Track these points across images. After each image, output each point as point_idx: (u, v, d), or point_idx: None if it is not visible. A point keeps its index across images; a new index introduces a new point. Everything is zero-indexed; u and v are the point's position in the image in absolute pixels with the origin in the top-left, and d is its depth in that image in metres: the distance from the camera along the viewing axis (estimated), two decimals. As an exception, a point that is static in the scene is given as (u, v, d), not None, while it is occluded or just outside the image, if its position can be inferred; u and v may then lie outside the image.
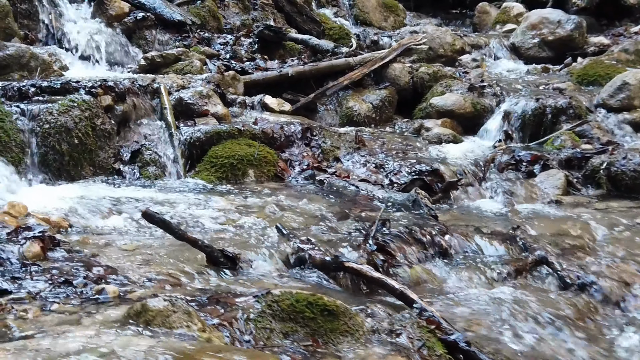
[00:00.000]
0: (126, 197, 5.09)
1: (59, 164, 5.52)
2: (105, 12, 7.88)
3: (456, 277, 3.99)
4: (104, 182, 5.58)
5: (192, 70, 7.02)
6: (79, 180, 5.56)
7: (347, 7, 10.25)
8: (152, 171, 5.71)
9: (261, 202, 5.05)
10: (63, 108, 5.62)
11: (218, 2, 8.79)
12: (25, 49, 6.52)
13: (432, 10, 11.94)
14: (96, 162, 5.68)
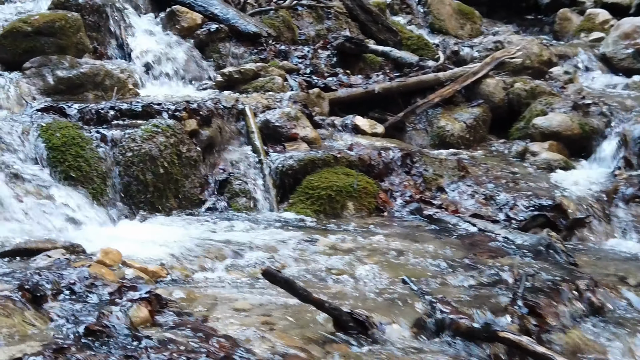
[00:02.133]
0: (222, 237, 4.61)
1: (142, 196, 5.07)
2: (176, 24, 7.42)
3: (620, 345, 3.44)
4: (191, 216, 5.13)
5: (274, 87, 6.53)
6: (164, 213, 5.09)
7: (422, 14, 9.69)
8: (242, 203, 5.23)
9: (370, 243, 4.54)
10: (147, 134, 5.16)
11: (291, 12, 8.28)
12: (100, 66, 6.09)
13: (506, 16, 11.31)
14: (181, 192, 5.22)
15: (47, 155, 4.96)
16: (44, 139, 5.01)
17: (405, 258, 4.28)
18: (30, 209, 4.45)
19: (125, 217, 4.97)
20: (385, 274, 4.00)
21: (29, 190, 4.60)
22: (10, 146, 4.96)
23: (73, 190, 4.84)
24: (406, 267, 4.13)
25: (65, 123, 5.20)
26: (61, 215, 4.55)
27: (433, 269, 4.11)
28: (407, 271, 4.03)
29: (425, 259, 4.26)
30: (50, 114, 5.38)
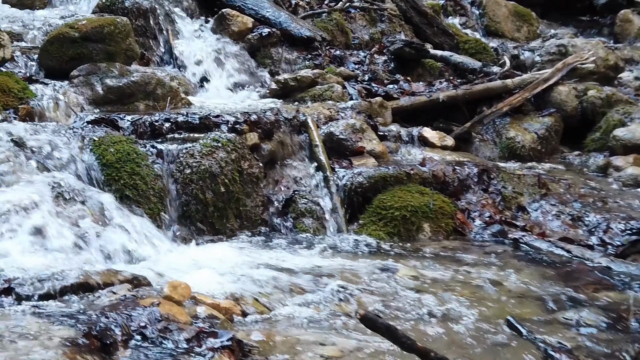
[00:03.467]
0: (291, 263, 4.21)
1: (201, 216, 4.68)
2: (226, 28, 7.04)
3: None
4: (254, 238, 4.72)
5: (333, 96, 6.12)
6: (225, 235, 4.70)
7: (477, 16, 9.23)
8: (308, 224, 4.83)
9: (456, 272, 4.13)
10: (206, 149, 4.78)
11: (344, 15, 7.87)
12: (151, 74, 5.71)
13: (560, 18, 10.82)
14: (243, 212, 4.83)
15: (101, 173, 4.59)
16: (97, 154, 4.65)
17: (499, 291, 3.85)
18: (85, 234, 4.07)
19: (184, 240, 4.58)
20: (483, 312, 3.58)
21: (83, 212, 4.22)
22: (62, 162, 4.58)
23: (129, 211, 4.45)
24: (503, 302, 3.70)
25: (119, 137, 4.83)
26: (118, 239, 4.17)
27: (535, 306, 3.68)
28: (506, 308, 3.61)
29: (522, 293, 3.83)
30: (101, 126, 5.01)
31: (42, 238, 3.92)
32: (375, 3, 8.16)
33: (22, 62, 5.79)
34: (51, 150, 4.63)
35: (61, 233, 4.01)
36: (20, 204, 4.04)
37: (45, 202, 4.15)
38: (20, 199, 4.07)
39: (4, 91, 5.16)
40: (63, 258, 3.85)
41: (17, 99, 5.18)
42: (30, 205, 4.06)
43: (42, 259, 3.71)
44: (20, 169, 4.38)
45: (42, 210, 4.08)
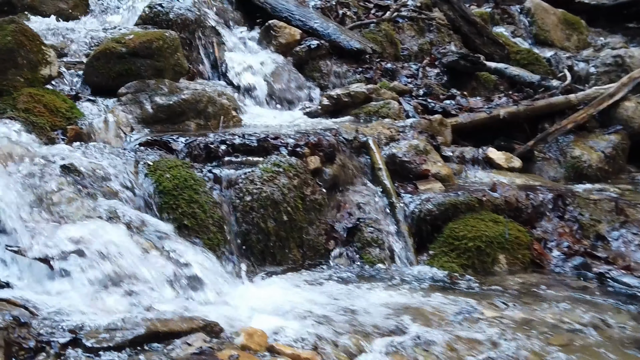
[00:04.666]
0: (363, 300, 3.92)
1: (263, 246, 4.41)
2: (273, 40, 6.76)
3: None
4: (318, 269, 4.45)
5: (390, 113, 5.83)
6: (287, 266, 4.42)
7: (525, 25, 8.90)
8: (375, 254, 4.53)
9: (544, 313, 3.82)
10: (267, 175, 4.50)
11: (392, 24, 7.57)
12: (202, 92, 5.44)
13: (607, 25, 10.46)
14: (305, 241, 4.55)
15: (158, 201, 4.31)
16: (153, 180, 4.38)
17: (602, 338, 3.53)
18: (149, 270, 3.79)
19: (245, 272, 4.30)
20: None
21: (143, 245, 3.94)
22: (115, 190, 4.31)
23: (189, 242, 4.17)
24: (613, 354, 3.38)
25: (174, 161, 4.56)
26: (181, 275, 3.88)
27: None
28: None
29: (625, 344, 3.51)
30: (154, 149, 4.75)
31: (103, 276, 3.64)
32: (424, 12, 7.86)
33: (67, 79, 5.52)
34: (104, 176, 4.37)
35: (122, 270, 3.72)
36: (78, 239, 3.77)
37: (103, 236, 3.87)
38: (78, 235, 3.79)
39: (51, 111, 4.91)
40: (127, 298, 3.57)
41: (65, 119, 4.93)
42: (89, 242, 3.78)
43: (108, 300, 3.43)
44: (73, 199, 4.11)
45: (101, 245, 3.80)
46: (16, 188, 3.99)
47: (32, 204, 3.96)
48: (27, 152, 4.37)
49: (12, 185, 4.00)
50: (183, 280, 3.87)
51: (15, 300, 3.10)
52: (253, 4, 7.09)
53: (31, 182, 4.10)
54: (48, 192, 4.07)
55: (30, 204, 3.95)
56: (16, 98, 4.85)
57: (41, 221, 3.89)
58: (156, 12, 6.55)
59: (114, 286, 3.63)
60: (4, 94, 4.90)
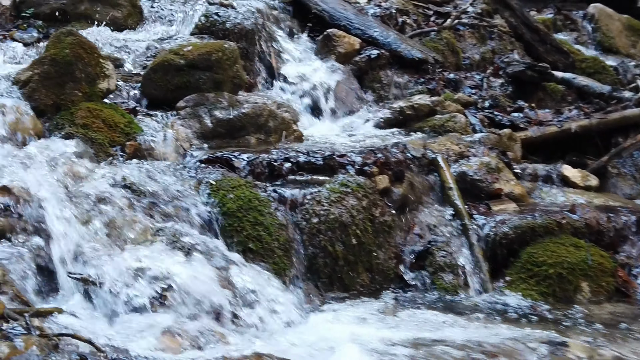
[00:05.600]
0: (441, 333, 3.68)
1: (330, 270, 4.21)
2: (332, 49, 6.54)
3: None
4: (388, 296, 4.25)
5: (456, 127, 5.58)
6: (356, 292, 4.22)
7: (589, 31, 8.55)
8: (448, 280, 4.30)
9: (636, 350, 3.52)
10: (335, 195, 4.29)
11: (452, 32, 7.30)
12: (262, 105, 5.24)
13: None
14: (374, 266, 4.34)
15: (222, 222, 4.12)
16: (217, 201, 4.20)
17: None
18: (212, 299, 3.60)
19: (312, 299, 4.10)
20: None
21: (208, 271, 3.75)
22: (177, 210, 4.14)
23: (254, 267, 3.98)
24: None
25: (238, 180, 4.38)
26: (249, 304, 3.69)
27: None
28: None
29: None
30: (216, 166, 4.56)
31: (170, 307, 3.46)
32: (485, 19, 7.58)
33: (124, 91, 5.36)
34: (165, 196, 4.20)
35: (187, 299, 3.54)
36: (140, 265, 3.59)
37: (165, 262, 3.69)
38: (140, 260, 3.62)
39: (110, 126, 4.75)
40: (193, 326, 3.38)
41: (124, 135, 4.77)
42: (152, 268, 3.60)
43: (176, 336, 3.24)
44: (135, 222, 3.94)
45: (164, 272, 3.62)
46: (77, 210, 3.83)
47: (93, 227, 3.79)
48: (87, 170, 4.23)
49: (73, 207, 3.83)
50: (251, 310, 3.66)
51: (81, 335, 2.92)
52: (310, 13, 6.87)
53: (92, 203, 3.94)
54: (110, 214, 3.90)
55: (92, 227, 3.79)
56: (74, 113, 4.71)
57: (104, 245, 3.72)
58: (212, 21, 6.38)
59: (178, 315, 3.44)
60: (62, 109, 4.77)
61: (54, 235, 3.66)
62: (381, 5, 7.18)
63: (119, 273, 3.52)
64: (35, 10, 6.97)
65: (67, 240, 3.66)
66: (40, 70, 4.79)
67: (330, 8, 6.79)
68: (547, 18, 8.35)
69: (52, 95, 4.77)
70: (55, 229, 3.69)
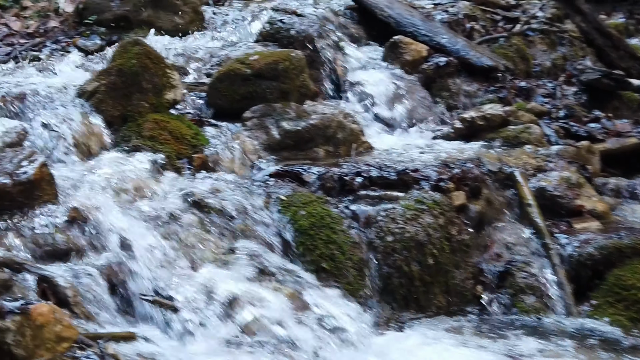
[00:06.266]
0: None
1: (405, 291, 4.04)
2: (399, 57, 6.35)
3: None
4: (466, 319, 4.06)
5: (531, 139, 5.34)
6: (431, 313, 4.04)
7: (662, 35, 8.22)
8: (530, 303, 4.09)
9: None
10: (410, 213, 4.12)
11: (522, 38, 7.06)
12: (331, 116, 5.09)
13: None
14: (451, 286, 4.15)
15: (293, 240, 3.98)
16: (288, 218, 4.05)
17: None
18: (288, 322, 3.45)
19: (387, 320, 3.92)
20: None
21: (282, 293, 3.61)
22: (247, 227, 4.00)
23: (328, 288, 3.82)
24: None
25: (309, 196, 4.23)
26: (324, 327, 3.53)
27: None
28: None
29: None
30: (285, 180, 4.42)
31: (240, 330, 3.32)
32: (555, 25, 7.32)
33: (188, 101, 5.25)
34: (234, 212, 4.07)
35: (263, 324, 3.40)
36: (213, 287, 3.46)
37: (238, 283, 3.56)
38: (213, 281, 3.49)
39: (177, 138, 4.65)
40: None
41: (191, 147, 4.67)
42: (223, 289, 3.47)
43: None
44: (205, 240, 3.82)
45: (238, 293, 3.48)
46: (147, 228, 3.72)
47: (164, 246, 3.67)
48: (156, 185, 4.12)
49: (143, 225, 3.72)
50: (326, 332, 3.51)
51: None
52: (376, 19, 6.71)
53: (162, 221, 3.83)
54: (180, 232, 3.78)
55: (163, 246, 3.67)
56: (141, 125, 4.62)
57: (175, 266, 3.60)
58: (277, 28, 6.26)
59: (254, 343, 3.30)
60: (128, 120, 4.68)
61: (123, 255, 3.54)
62: (448, 10, 6.98)
63: (192, 295, 3.40)
64: (98, 17, 6.96)
65: (137, 260, 3.54)
66: (107, 80, 4.71)
67: (396, 14, 6.62)
68: (618, 22, 8.05)
69: (119, 107, 4.68)
70: (127, 247, 3.57)
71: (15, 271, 3.26)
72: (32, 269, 3.30)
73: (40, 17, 7.35)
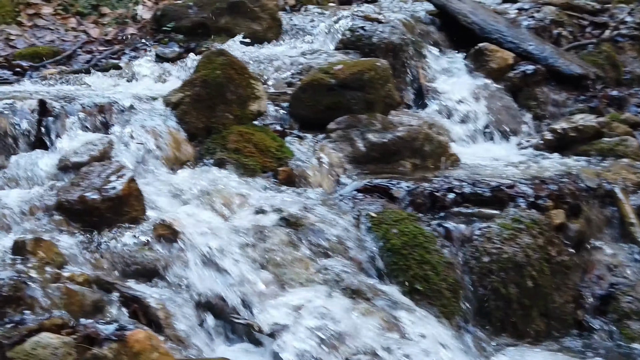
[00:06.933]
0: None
1: (502, 314, 3.84)
2: (484, 65, 6.15)
3: None
4: (567, 344, 3.85)
5: (627, 152, 5.10)
6: (530, 339, 3.82)
7: None
8: (636, 329, 3.88)
9: None
10: (507, 232, 3.92)
11: (611, 44, 6.76)
12: (418, 128, 4.92)
13: None
14: (550, 310, 3.95)
15: (385, 260, 3.82)
16: (379, 236, 3.89)
17: None
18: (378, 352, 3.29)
19: (483, 345, 3.73)
20: None
21: (378, 319, 3.45)
22: (337, 246, 3.85)
23: (422, 311, 3.65)
24: None
25: (400, 213, 4.06)
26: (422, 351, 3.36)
27: None
28: None
29: None
30: (374, 196, 4.26)
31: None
32: (647, 30, 7.00)
33: (270, 111, 5.13)
34: (323, 229, 3.92)
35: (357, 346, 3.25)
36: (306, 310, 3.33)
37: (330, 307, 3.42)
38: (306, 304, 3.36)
39: (261, 151, 4.53)
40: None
41: (276, 160, 4.55)
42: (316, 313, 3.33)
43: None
44: (295, 259, 3.69)
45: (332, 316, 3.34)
46: (237, 246, 3.61)
47: (255, 265, 3.56)
48: (242, 200, 4.01)
49: (232, 242, 3.61)
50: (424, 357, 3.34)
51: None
52: (459, 25, 6.51)
53: (251, 236, 3.72)
54: (270, 250, 3.66)
55: (253, 265, 3.55)
56: (226, 137, 4.52)
57: (266, 286, 3.48)
58: (358, 35, 6.12)
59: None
60: (212, 132, 4.59)
61: (214, 274, 3.43)
62: (534, 16, 6.74)
63: (285, 318, 3.26)
64: (175, 24, 6.91)
65: (228, 280, 3.43)
66: (192, 92, 4.62)
67: (480, 20, 6.40)
68: None
69: (203, 118, 4.60)
70: (216, 266, 3.46)
71: (105, 291, 3.18)
72: (123, 288, 3.21)
73: (118, 24, 7.35)
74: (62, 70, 6.24)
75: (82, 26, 7.28)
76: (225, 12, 6.89)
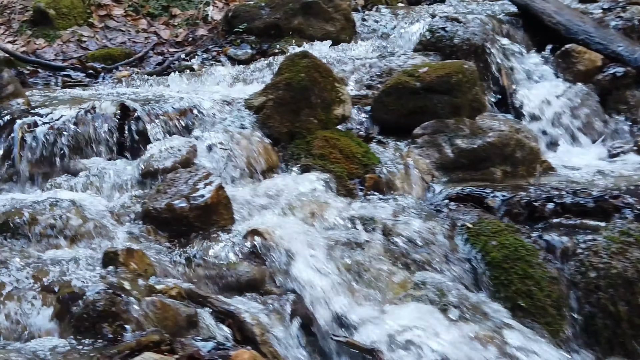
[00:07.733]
0: None
1: (610, 333, 3.58)
2: (570, 66, 5.88)
3: None
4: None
5: None
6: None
7: None
8: None
9: None
10: (615, 246, 3.67)
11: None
12: (509, 134, 4.69)
13: None
14: (661, 329, 3.63)
15: (485, 274, 3.60)
16: (478, 248, 3.67)
17: None
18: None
19: (591, 367, 3.49)
20: None
21: (480, 334, 3.23)
22: (432, 258, 3.65)
23: (526, 329, 3.42)
24: None
25: (498, 224, 3.84)
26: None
27: None
28: None
29: None
30: (467, 205, 4.04)
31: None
32: None
33: (352, 115, 4.94)
34: (417, 240, 3.72)
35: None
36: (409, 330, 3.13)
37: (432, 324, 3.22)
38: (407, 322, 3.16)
39: (347, 157, 4.36)
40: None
41: (362, 166, 4.37)
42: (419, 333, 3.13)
43: None
44: (391, 272, 3.49)
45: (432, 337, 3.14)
46: (330, 258, 3.43)
47: (349, 279, 3.38)
48: (332, 209, 3.82)
49: (326, 254, 3.43)
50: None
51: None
52: (542, 25, 6.25)
53: (344, 248, 3.54)
54: (365, 263, 3.47)
55: (348, 279, 3.37)
56: (310, 142, 4.36)
57: (361, 300, 3.29)
58: (439, 36, 5.90)
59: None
60: (296, 137, 4.42)
61: (308, 288, 3.26)
62: (622, 16, 6.42)
63: (384, 338, 3.07)
64: (247, 25, 6.79)
65: (322, 294, 3.25)
66: (275, 95, 4.47)
67: (566, 20, 6.13)
68: None
69: (287, 123, 4.44)
70: (309, 280, 3.30)
71: (199, 305, 3.02)
72: (217, 302, 3.05)
73: (189, 26, 7.26)
74: (135, 72, 6.16)
75: (152, 27, 7.20)
76: (298, 13, 6.75)
